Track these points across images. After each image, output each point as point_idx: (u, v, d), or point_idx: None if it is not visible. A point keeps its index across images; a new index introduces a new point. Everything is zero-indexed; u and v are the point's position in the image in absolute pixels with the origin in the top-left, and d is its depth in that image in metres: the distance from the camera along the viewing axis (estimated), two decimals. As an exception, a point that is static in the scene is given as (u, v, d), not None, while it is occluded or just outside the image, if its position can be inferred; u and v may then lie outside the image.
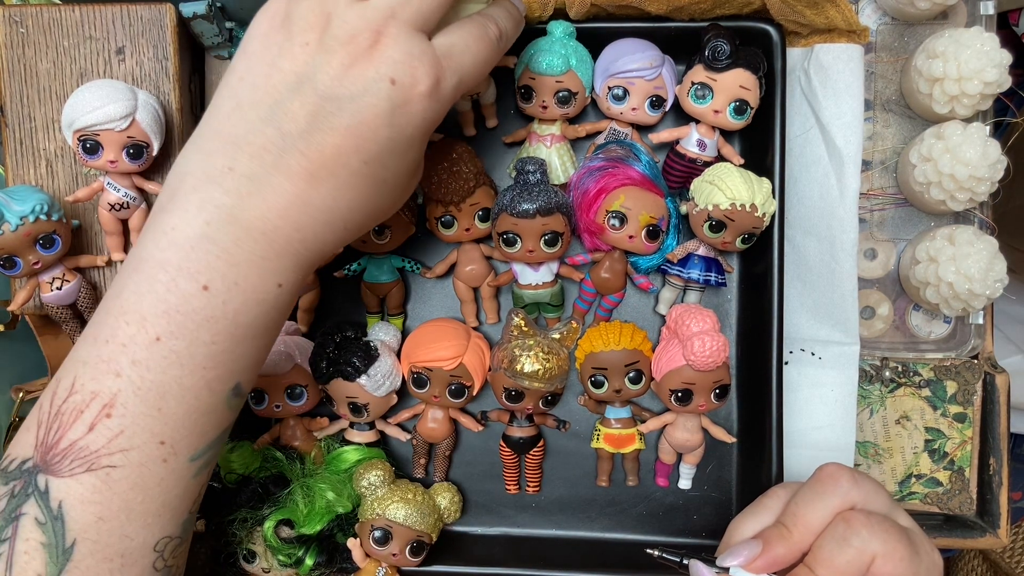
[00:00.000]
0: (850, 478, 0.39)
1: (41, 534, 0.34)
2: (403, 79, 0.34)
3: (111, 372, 0.34)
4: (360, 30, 0.34)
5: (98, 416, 0.34)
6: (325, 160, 0.34)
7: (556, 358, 0.49)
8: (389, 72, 0.34)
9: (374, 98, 0.34)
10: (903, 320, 0.56)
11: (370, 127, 0.34)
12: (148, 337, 0.34)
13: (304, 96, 0.34)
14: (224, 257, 0.34)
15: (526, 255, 0.49)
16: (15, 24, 0.51)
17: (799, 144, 0.53)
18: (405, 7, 0.34)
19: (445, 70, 0.36)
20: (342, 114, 0.34)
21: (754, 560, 0.38)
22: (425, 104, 0.35)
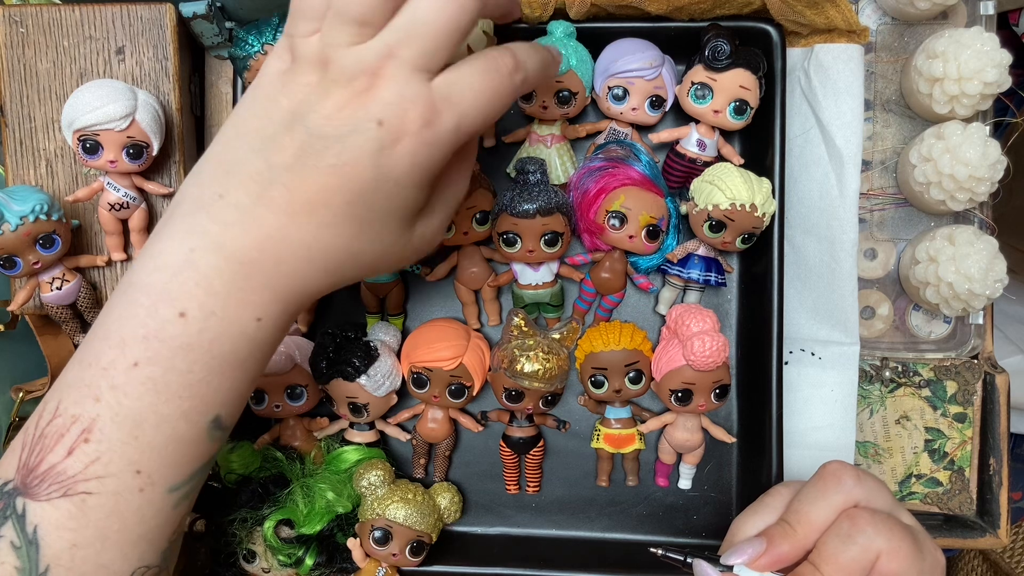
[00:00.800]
0: (854, 475, 0.39)
1: (16, 558, 0.34)
2: (391, 121, 0.33)
3: (91, 396, 0.34)
4: (358, 73, 0.33)
5: (77, 440, 0.34)
6: (308, 196, 0.34)
7: (556, 358, 0.49)
8: (378, 114, 0.33)
9: (360, 138, 0.33)
10: (903, 320, 0.56)
11: (354, 168, 0.34)
12: (127, 362, 0.34)
13: (295, 132, 0.34)
14: (203, 285, 0.34)
15: (526, 255, 0.49)
16: (15, 24, 0.51)
17: (799, 144, 0.53)
18: (404, 48, 0.33)
19: (441, 112, 0.34)
20: (327, 153, 0.33)
21: (758, 558, 0.38)
22: (414, 147, 0.34)
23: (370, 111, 0.33)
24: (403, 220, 0.37)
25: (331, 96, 0.33)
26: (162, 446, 0.35)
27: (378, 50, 0.33)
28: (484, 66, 0.35)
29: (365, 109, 0.33)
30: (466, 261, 0.52)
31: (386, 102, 0.33)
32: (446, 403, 0.52)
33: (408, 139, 0.34)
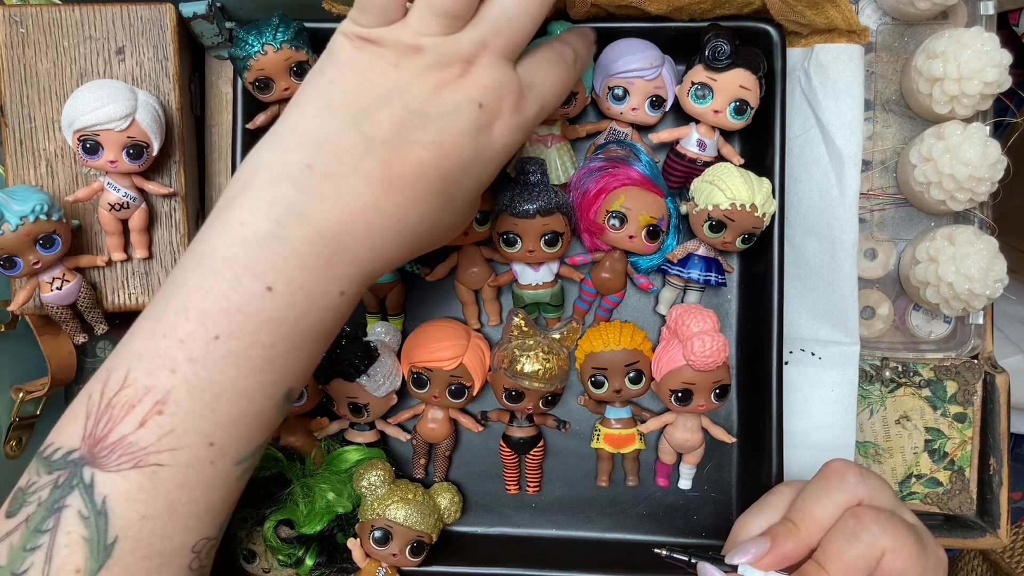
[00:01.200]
0: (857, 474, 0.39)
1: (84, 528, 0.34)
2: (489, 104, 0.36)
3: (166, 368, 0.34)
4: (453, 60, 0.35)
5: (150, 412, 0.34)
6: (405, 170, 0.35)
7: (556, 358, 0.49)
8: (478, 96, 0.36)
9: (461, 118, 0.35)
10: (903, 320, 0.56)
11: (453, 145, 0.35)
12: (207, 335, 0.34)
13: (393, 107, 0.35)
14: (292, 259, 0.34)
15: (526, 255, 0.49)
16: (15, 24, 0.51)
17: (799, 144, 0.53)
18: (496, 38, 0.36)
19: (527, 99, 0.38)
20: (428, 129, 0.35)
21: (762, 557, 0.38)
22: (507, 129, 0.37)
23: (471, 93, 0.35)
24: (475, 196, 0.40)
25: (427, 79, 0.35)
26: (236, 419, 0.35)
27: (472, 40, 0.36)
28: (554, 57, 0.39)
29: (465, 91, 0.35)
30: (466, 261, 0.52)
31: (484, 86, 0.36)
32: (446, 403, 0.52)
33: (501, 122, 0.37)
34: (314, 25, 0.51)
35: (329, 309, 0.36)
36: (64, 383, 0.57)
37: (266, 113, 0.52)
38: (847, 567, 0.36)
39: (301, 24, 0.50)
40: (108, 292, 0.53)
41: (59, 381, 0.56)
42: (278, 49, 0.48)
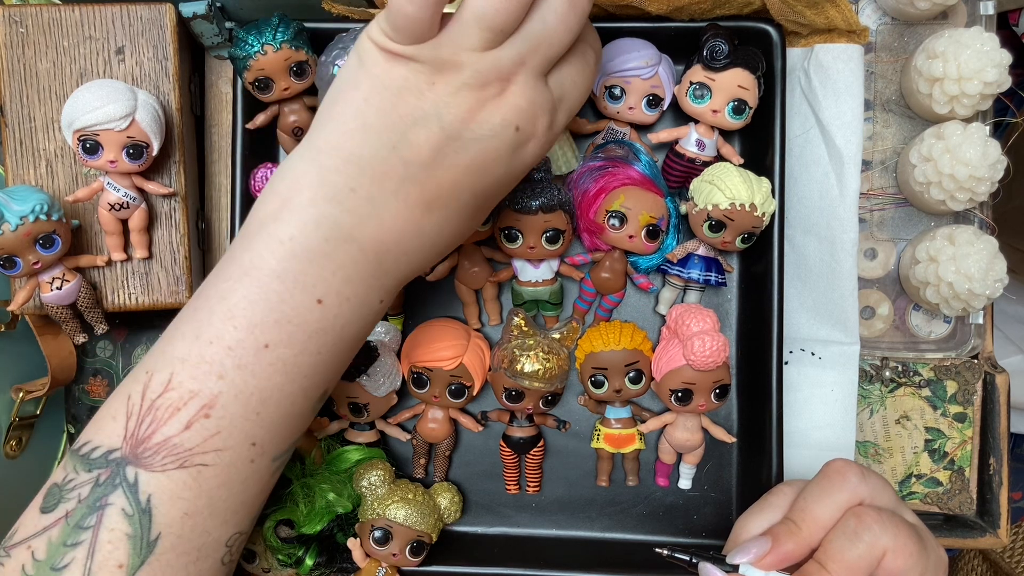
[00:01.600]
0: (858, 474, 0.39)
1: (127, 525, 0.35)
2: (526, 126, 0.36)
3: (214, 374, 0.35)
4: (491, 79, 0.35)
5: (196, 415, 0.35)
6: (441, 192, 0.36)
7: (556, 358, 0.49)
8: (515, 119, 0.35)
9: (498, 142, 0.36)
10: (903, 320, 0.56)
11: (488, 166, 0.36)
12: (257, 343, 0.35)
13: (430, 131, 0.35)
14: (340, 274, 0.36)
15: (527, 251, 0.49)
16: (15, 24, 0.51)
17: (799, 144, 0.53)
18: (534, 55, 0.35)
19: (559, 112, 0.38)
20: (465, 153, 0.35)
21: (764, 556, 0.38)
22: (539, 147, 0.37)
23: (507, 116, 0.35)
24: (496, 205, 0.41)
25: (464, 99, 0.35)
26: (279, 421, 0.37)
27: (511, 57, 0.35)
28: (581, 63, 0.38)
29: (502, 114, 0.35)
30: (466, 261, 0.52)
31: (521, 108, 0.36)
32: (446, 403, 0.52)
33: (535, 141, 0.37)
34: (314, 25, 0.51)
35: (370, 317, 0.38)
36: (64, 383, 0.57)
37: (266, 113, 0.52)
38: (848, 567, 0.36)
39: (301, 24, 0.50)
40: (108, 292, 0.53)
41: (59, 381, 0.56)
42: (278, 49, 0.48)
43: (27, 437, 0.57)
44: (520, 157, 0.37)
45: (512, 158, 0.37)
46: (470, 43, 0.34)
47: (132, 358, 0.57)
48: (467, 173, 0.36)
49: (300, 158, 0.37)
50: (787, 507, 0.40)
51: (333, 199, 0.35)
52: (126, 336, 0.57)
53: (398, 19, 0.34)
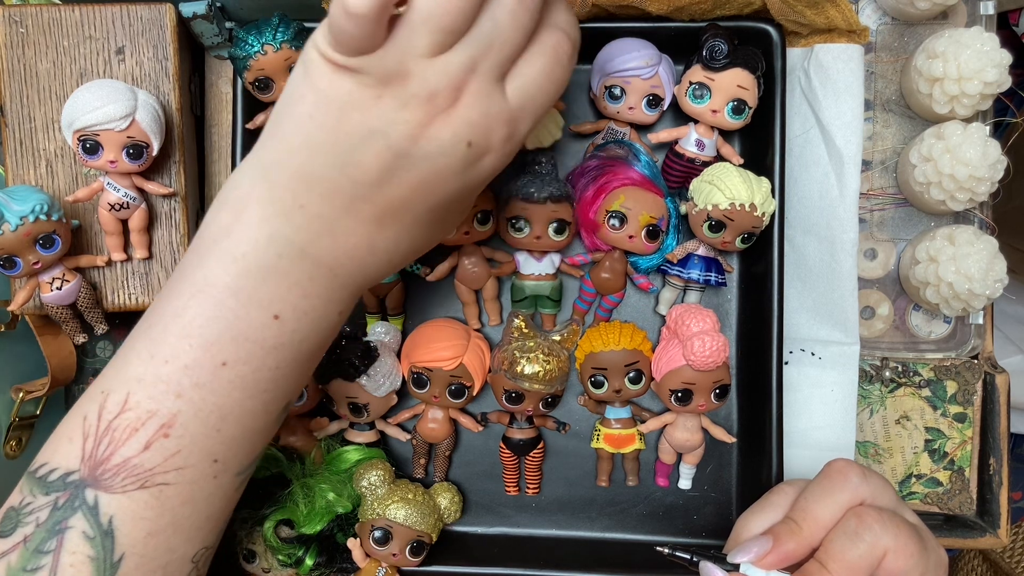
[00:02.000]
0: (859, 474, 0.39)
1: (89, 548, 0.34)
2: (480, 141, 0.33)
3: (171, 393, 0.35)
4: (440, 88, 0.32)
5: (155, 435, 0.35)
6: (393, 209, 0.35)
7: (556, 360, 0.49)
8: (467, 135, 0.33)
9: (449, 159, 0.33)
10: (903, 320, 0.56)
11: (440, 182, 0.34)
12: (214, 362, 0.35)
13: (377, 149, 0.33)
14: (296, 290, 0.35)
15: (533, 241, 0.50)
16: (15, 24, 0.51)
17: (799, 144, 0.53)
18: (485, 59, 0.32)
19: (519, 121, 0.34)
20: (414, 171, 0.34)
21: (764, 556, 0.38)
22: (497, 158, 0.35)
23: (459, 132, 0.33)
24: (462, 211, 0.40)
25: (412, 113, 0.32)
26: (240, 436, 0.36)
27: (462, 62, 0.32)
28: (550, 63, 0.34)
29: (453, 130, 0.33)
30: (467, 261, 0.52)
31: (473, 122, 0.33)
32: (446, 403, 0.52)
33: (492, 155, 0.34)
34: (314, 25, 0.51)
35: (328, 330, 0.38)
36: (64, 383, 0.57)
37: (266, 113, 0.52)
38: (849, 566, 0.36)
39: (301, 24, 0.50)
40: (108, 292, 0.53)
41: (59, 381, 0.56)
42: (278, 49, 0.48)
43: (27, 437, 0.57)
44: (476, 172, 0.35)
45: (466, 174, 0.34)
46: (418, 49, 0.31)
47: (132, 358, 0.57)
48: (418, 190, 0.34)
49: (249, 171, 0.36)
50: (788, 507, 0.40)
51: (283, 216, 0.34)
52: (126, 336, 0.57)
53: (338, 33, 0.31)
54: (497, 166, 0.35)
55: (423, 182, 0.34)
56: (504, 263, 0.53)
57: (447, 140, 0.33)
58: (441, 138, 0.33)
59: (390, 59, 0.32)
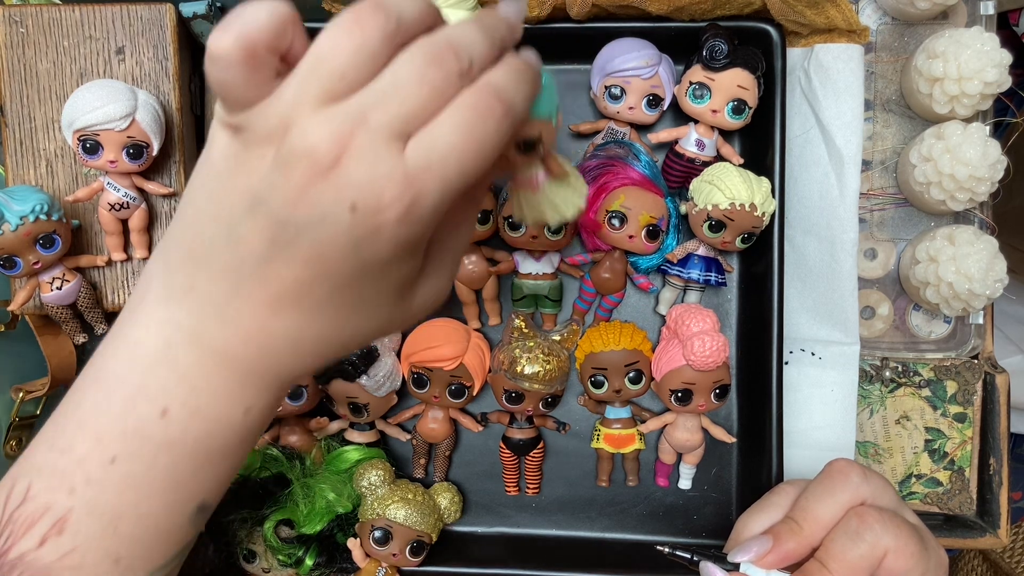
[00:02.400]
0: (860, 474, 0.38)
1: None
2: (367, 205, 0.28)
3: (65, 487, 0.32)
4: (322, 141, 0.28)
5: (49, 531, 0.32)
6: (286, 288, 0.30)
7: (556, 360, 0.49)
8: (351, 197, 0.28)
9: (333, 227, 0.28)
10: (903, 320, 0.56)
11: (333, 257, 0.29)
12: (104, 457, 0.32)
13: (259, 219, 0.29)
14: (184, 382, 0.31)
15: (530, 240, 0.50)
16: (15, 24, 0.51)
17: (799, 144, 0.53)
18: (377, 111, 0.28)
19: (422, 188, 0.28)
20: (300, 242, 0.29)
21: (765, 555, 0.38)
22: (396, 230, 0.29)
23: (340, 194, 0.28)
24: (399, 292, 0.33)
25: (294, 172, 0.28)
26: (143, 536, 0.33)
27: (348, 114, 0.28)
28: (468, 120, 0.29)
29: (335, 192, 0.28)
30: (466, 260, 0.52)
31: (356, 184, 0.28)
32: (446, 403, 0.52)
33: (389, 225, 0.28)
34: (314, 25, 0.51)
35: (233, 428, 0.33)
36: (64, 383, 0.57)
37: (266, 113, 0.52)
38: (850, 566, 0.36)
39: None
40: (108, 292, 0.53)
41: (59, 381, 0.56)
42: (278, 49, 0.48)
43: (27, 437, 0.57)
44: (374, 246, 0.28)
45: (360, 248, 0.28)
46: (301, 99, 0.28)
47: (132, 358, 0.57)
48: (308, 266, 0.29)
49: (157, 248, 0.33)
50: (788, 506, 0.40)
51: (173, 298, 0.31)
52: (126, 336, 0.57)
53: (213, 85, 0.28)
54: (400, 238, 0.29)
55: (313, 257, 0.29)
56: (503, 262, 0.53)
57: (328, 203, 0.28)
58: (322, 202, 0.28)
59: (272, 112, 0.28)
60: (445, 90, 0.29)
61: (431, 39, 0.29)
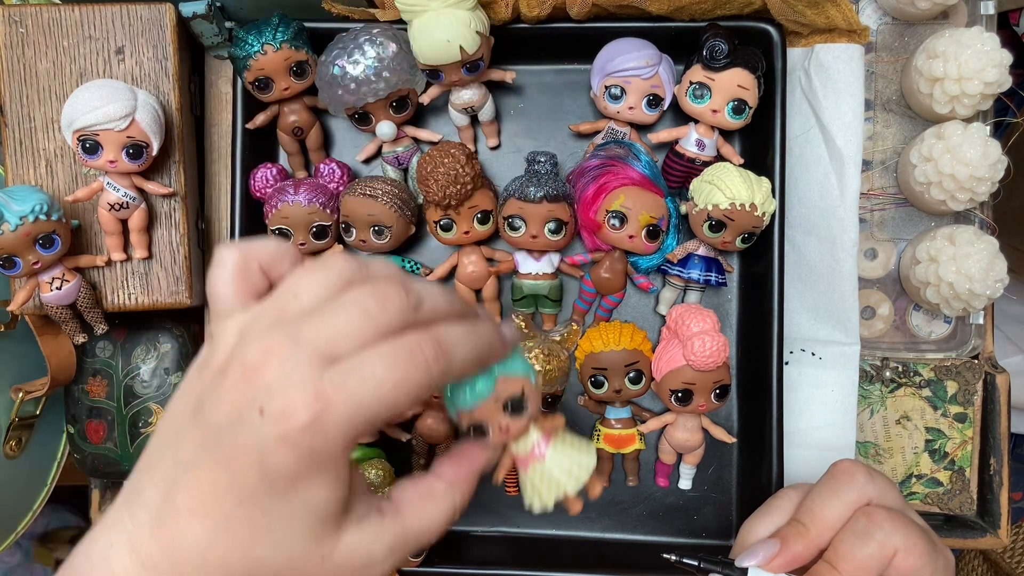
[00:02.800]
0: (866, 474, 0.38)
1: None
2: (273, 409, 0.28)
3: None
4: (253, 350, 0.29)
5: None
6: (201, 496, 0.30)
7: (556, 360, 0.49)
8: (261, 400, 0.29)
9: (245, 429, 0.29)
10: (903, 320, 0.56)
11: (240, 463, 0.29)
12: None
13: (196, 424, 0.30)
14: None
15: (530, 240, 0.50)
16: (15, 24, 0.51)
17: (799, 144, 0.53)
18: (307, 327, 0.30)
19: (330, 401, 0.29)
20: (218, 445, 0.30)
21: (773, 559, 0.38)
22: (300, 440, 0.28)
23: (255, 397, 0.29)
24: (311, 527, 0.31)
25: (227, 378, 0.30)
26: None
27: (286, 330, 0.30)
28: (395, 354, 0.30)
29: (251, 394, 0.29)
30: (466, 261, 0.52)
31: (269, 387, 0.29)
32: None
33: (295, 432, 0.28)
34: (314, 25, 0.51)
35: None
36: (64, 383, 0.57)
37: (266, 113, 0.52)
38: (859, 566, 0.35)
39: (301, 24, 0.50)
40: (108, 292, 0.53)
41: (59, 381, 0.56)
42: (278, 49, 0.48)
43: (27, 437, 0.57)
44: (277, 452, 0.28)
45: (264, 453, 0.29)
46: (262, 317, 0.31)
47: (132, 358, 0.57)
48: (221, 470, 0.29)
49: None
50: (792, 510, 0.40)
51: (127, 500, 0.32)
52: (126, 336, 0.57)
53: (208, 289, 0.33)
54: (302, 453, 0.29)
55: (227, 460, 0.29)
56: (503, 262, 0.53)
57: (243, 405, 0.29)
58: (239, 403, 0.29)
59: (233, 325, 0.31)
60: (383, 323, 0.30)
61: (390, 278, 0.32)
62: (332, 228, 0.52)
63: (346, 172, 0.53)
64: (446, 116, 0.54)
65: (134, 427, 0.56)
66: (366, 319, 0.30)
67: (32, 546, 0.99)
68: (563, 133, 0.55)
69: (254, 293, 0.32)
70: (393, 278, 0.32)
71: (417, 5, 0.45)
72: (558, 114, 0.55)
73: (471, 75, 0.49)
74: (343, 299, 0.31)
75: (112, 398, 0.56)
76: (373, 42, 0.47)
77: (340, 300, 0.31)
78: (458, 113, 0.52)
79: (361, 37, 0.47)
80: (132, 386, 0.56)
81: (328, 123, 0.56)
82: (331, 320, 0.30)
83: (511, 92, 0.55)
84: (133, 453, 0.56)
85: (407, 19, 0.47)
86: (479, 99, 0.51)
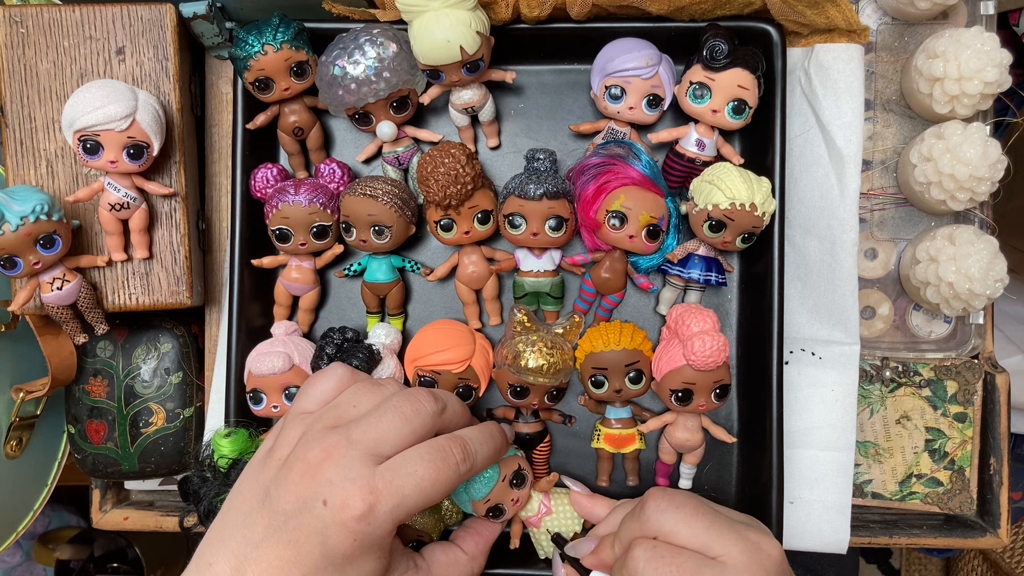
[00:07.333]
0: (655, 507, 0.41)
1: None
2: (334, 501, 0.36)
3: None
4: (315, 450, 0.37)
5: None
6: (272, 570, 0.36)
7: (560, 352, 0.49)
8: (324, 493, 0.36)
9: (309, 516, 0.36)
10: (903, 320, 0.56)
11: (306, 544, 0.36)
12: None
13: (264, 508, 0.37)
14: None
15: (530, 238, 0.50)
16: (15, 24, 0.51)
17: (799, 144, 0.53)
18: (357, 431, 0.38)
19: (381, 495, 0.37)
20: (286, 528, 0.36)
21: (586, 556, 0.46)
22: (357, 527, 0.36)
23: (317, 490, 0.36)
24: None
25: (293, 471, 0.37)
26: None
27: (341, 431, 0.38)
28: (431, 455, 0.39)
29: (314, 487, 0.36)
30: (467, 260, 0.52)
31: (331, 481, 0.36)
32: (446, 403, 0.51)
33: (352, 520, 0.36)
34: (314, 25, 0.51)
35: None
36: (64, 383, 0.57)
37: (266, 113, 0.52)
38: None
39: (301, 24, 0.50)
40: (108, 292, 0.53)
41: (59, 381, 0.56)
42: (278, 49, 0.48)
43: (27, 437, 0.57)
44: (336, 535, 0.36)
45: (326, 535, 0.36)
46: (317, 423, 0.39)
47: (132, 358, 0.57)
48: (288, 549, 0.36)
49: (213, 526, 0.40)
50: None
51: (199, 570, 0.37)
52: (126, 336, 0.57)
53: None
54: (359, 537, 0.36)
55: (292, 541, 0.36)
56: (503, 260, 0.53)
57: (308, 496, 0.36)
58: (304, 494, 0.36)
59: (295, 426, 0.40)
60: (418, 425, 0.39)
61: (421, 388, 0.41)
62: (332, 228, 0.52)
63: (346, 172, 0.53)
64: (446, 116, 0.54)
65: (135, 427, 0.56)
66: (404, 423, 0.39)
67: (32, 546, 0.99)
68: (563, 133, 0.55)
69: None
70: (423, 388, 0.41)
71: (417, 5, 0.45)
72: (558, 114, 0.55)
73: (471, 75, 0.49)
74: (385, 406, 0.39)
75: (113, 398, 0.56)
76: (373, 42, 0.47)
77: (382, 407, 0.39)
78: (458, 113, 0.52)
79: (361, 37, 0.47)
80: (133, 386, 0.56)
81: (328, 123, 0.56)
82: (375, 424, 0.38)
83: (511, 92, 0.55)
84: (133, 453, 0.56)
85: (407, 19, 0.47)
86: (479, 99, 0.51)
